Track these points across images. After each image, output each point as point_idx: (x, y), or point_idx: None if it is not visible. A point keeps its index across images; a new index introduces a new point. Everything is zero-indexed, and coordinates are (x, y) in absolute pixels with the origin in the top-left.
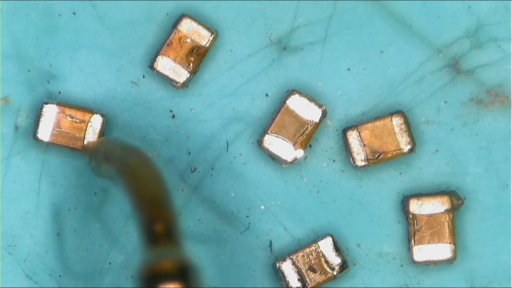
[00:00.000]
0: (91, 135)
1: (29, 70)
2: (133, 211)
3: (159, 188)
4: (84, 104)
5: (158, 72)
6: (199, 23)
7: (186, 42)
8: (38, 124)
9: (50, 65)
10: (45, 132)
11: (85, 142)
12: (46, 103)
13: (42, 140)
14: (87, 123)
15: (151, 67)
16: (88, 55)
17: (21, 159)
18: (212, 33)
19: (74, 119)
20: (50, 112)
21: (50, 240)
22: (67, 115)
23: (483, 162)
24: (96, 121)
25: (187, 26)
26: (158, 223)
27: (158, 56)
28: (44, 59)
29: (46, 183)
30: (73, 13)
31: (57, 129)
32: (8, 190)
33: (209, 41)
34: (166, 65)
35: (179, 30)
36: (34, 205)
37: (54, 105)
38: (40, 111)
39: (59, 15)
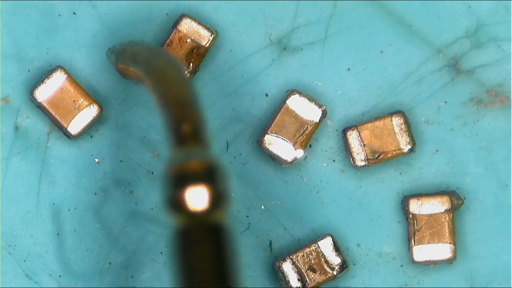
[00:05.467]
0: (81, 117)
1: (29, 70)
2: (161, 112)
3: (186, 89)
4: None
5: None
6: (199, 23)
7: (186, 42)
8: (41, 84)
9: (50, 65)
10: (43, 94)
11: (73, 121)
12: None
13: (35, 99)
14: (85, 107)
15: None
16: (88, 55)
17: (21, 159)
18: (212, 33)
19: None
20: (59, 79)
21: (50, 240)
22: (72, 88)
23: (483, 162)
24: (92, 111)
25: (187, 26)
26: (185, 123)
27: None
28: (44, 59)
29: (46, 183)
30: (73, 13)
31: (57, 95)
32: (8, 190)
33: (209, 41)
34: None
35: (179, 30)
36: (34, 205)
37: (65, 75)
38: (49, 74)
39: (59, 15)
